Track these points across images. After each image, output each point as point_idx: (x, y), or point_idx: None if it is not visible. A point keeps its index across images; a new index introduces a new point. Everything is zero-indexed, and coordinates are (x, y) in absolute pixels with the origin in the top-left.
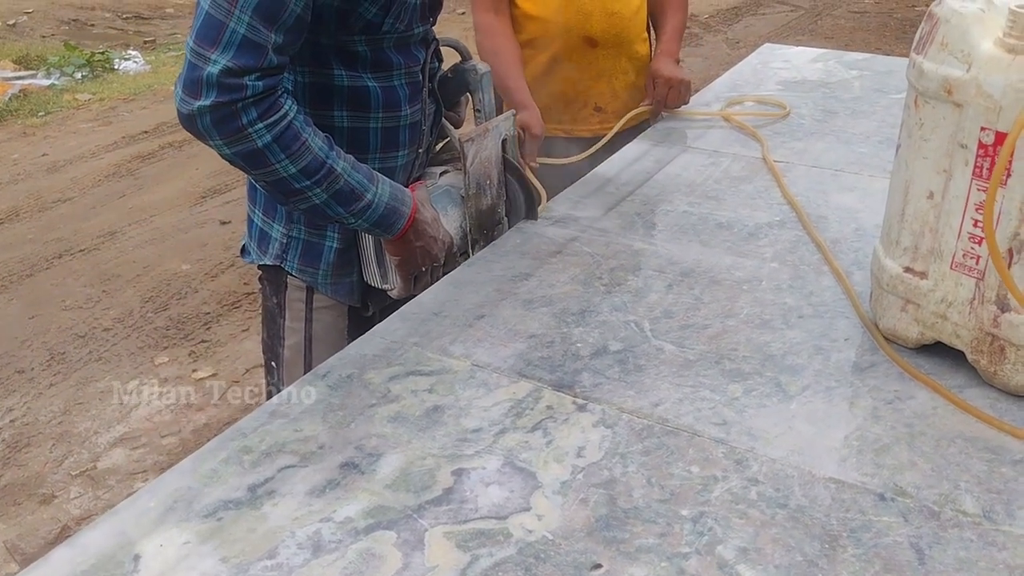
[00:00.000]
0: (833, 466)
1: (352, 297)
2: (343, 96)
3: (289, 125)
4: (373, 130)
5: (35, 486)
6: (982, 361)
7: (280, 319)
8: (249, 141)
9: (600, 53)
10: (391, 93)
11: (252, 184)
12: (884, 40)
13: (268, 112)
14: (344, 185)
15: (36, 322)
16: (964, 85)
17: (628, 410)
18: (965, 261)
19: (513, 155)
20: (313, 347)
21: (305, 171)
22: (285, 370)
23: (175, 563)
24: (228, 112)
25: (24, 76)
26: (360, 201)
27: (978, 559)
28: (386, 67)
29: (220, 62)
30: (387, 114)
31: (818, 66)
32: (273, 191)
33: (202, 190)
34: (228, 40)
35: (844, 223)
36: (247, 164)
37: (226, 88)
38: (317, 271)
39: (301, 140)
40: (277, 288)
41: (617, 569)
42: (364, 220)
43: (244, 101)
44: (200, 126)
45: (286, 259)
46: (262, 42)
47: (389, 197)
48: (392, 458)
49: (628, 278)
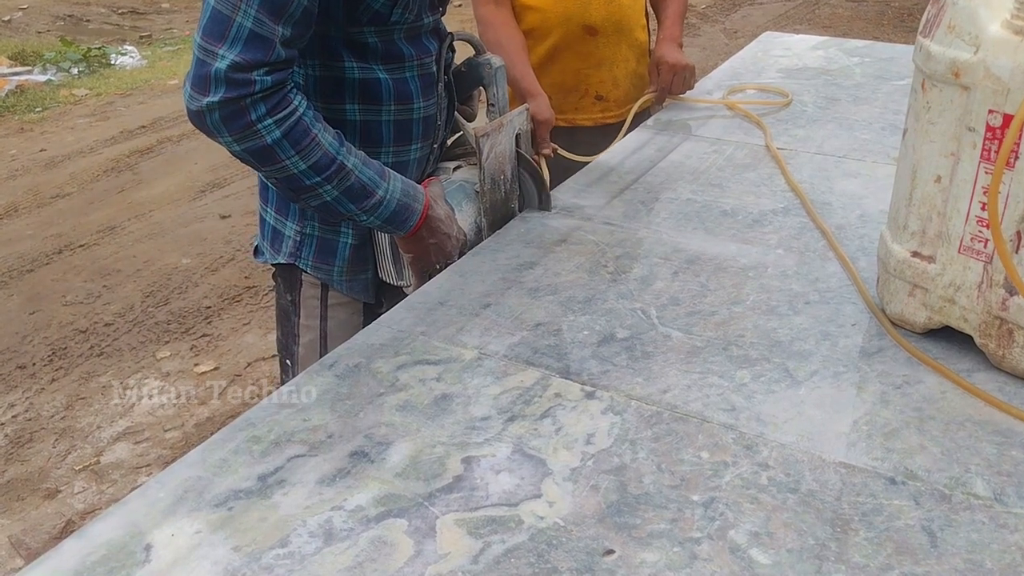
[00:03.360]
0: (843, 451)
1: (367, 294)
2: (354, 89)
3: (299, 121)
4: (385, 123)
5: (39, 481)
6: (990, 345)
7: (294, 317)
8: (258, 137)
9: (600, 41)
10: (403, 85)
11: (264, 183)
12: (882, 29)
13: (277, 108)
14: (355, 182)
15: (37, 317)
16: (972, 68)
17: (637, 397)
18: (973, 245)
19: (526, 149)
20: (328, 344)
21: (315, 167)
22: (300, 368)
23: (187, 552)
24: (237, 108)
25: (20, 72)
26: (371, 198)
27: (990, 541)
28: (397, 59)
29: (228, 57)
30: (399, 106)
31: (819, 53)
32: (283, 188)
33: (201, 184)
34: (235, 35)
35: (848, 209)
36: (257, 161)
37: (234, 83)
38: (332, 268)
39: (311, 136)
40: (291, 286)
41: (629, 554)
42: (375, 217)
43: (253, 96)
44: (209, 123)
45: (300, 256)
46: (269, 36)
47: (401, 194)
48: (401, 447)
49: (633, 266)
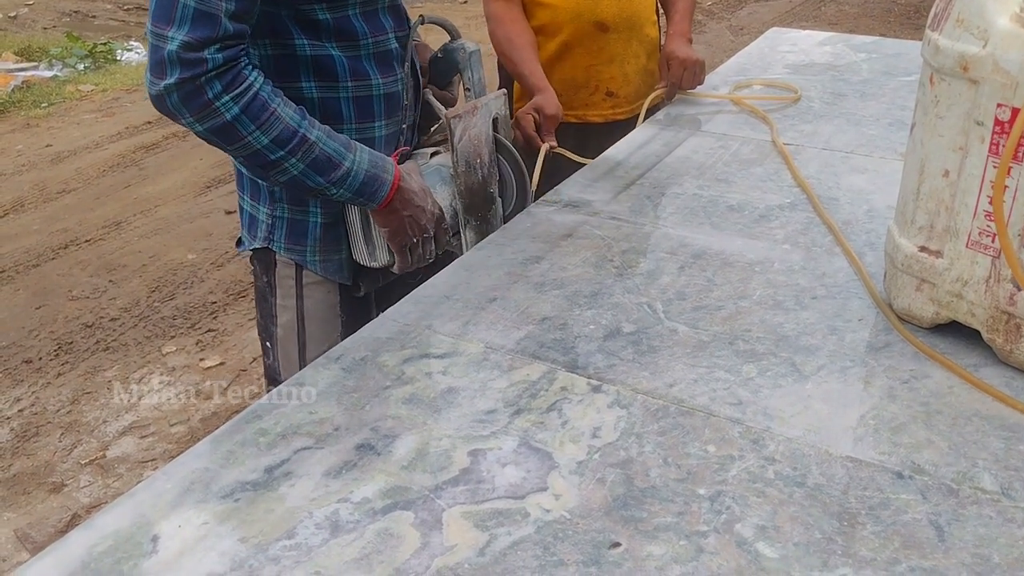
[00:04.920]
0: (850, 445)
1: (343, 275)
2: (308, 66)
3: (256, 96)
4: (344, 99)
5: (45, 475)
6: (998, 340)
7: (271, 298)
8: (218, 115)
9: (611, 38)
10: (357, 63)
11: (239, 170)
12: (889, 26)
13: (233, 84)
14: (320, 154)
15: (43, 312)
16: (980, 61)
17: (643, 391)
18: (981, 239)
19: (506, 134)
20: (306, 324)
21: (277, 141)
22: (280, 348)
23: (194, 543)
24: (193, 88)
25: (26, 68)
26: (338, 169)
27: (998, 536)
28: (351, 36)
29: (177, 38)
30: (356, 83)
31: (826, 49)
32: (251, 165)
33: (206, 180)
34: (181, 15)
35: (855, 204)
36: (220, 139)
37: (187, 63)
38: (305, 248)
39: (270, 110)
40: (267, 268)
41: (635, 547)
42: (345, 189)
43: (207, 75)
44: (169, 104)
45: (273, 239)
46: (214, 11)
47: (369, 164)
48: (408, 439)
49: (640, 260)
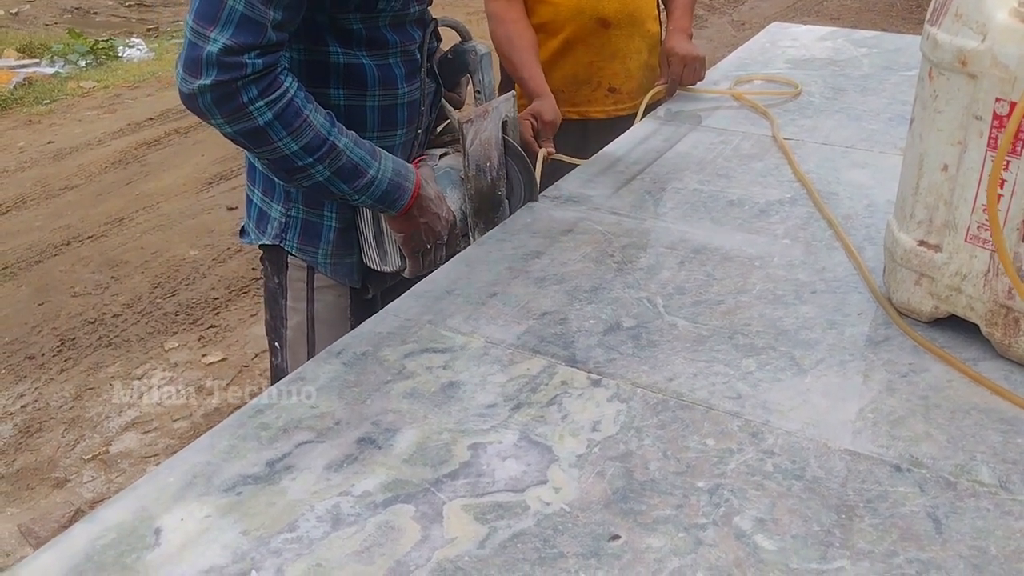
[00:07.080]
0: (848, 438)
1: (352, 278)
2: (339, 74)
3: (290, 102)
4: (370, 108)
5: (48, 470)
6: (996, 333)
7: (282, 300)
8: (250, 119)
9: (613, 34)
10: (387, 71)
11: (251, 163)
12: (890, 21)
13: (268, 89)
14: (347, 161)
15: (45, 308)
16: (979, 56)
17: (642, 385)
18: (980, 233)
19: (514, 137)
20: (316, 328)
21: (307, 148)
22: (289, 351)
23: (197, 536)
24: (229, 90)
25: (28, 64)
26: (363, 177)
27: (995, 528)
28: (381, 45)
29: (220, 40)
30: (384, 92)
31: (827, 44)
32: (276, 169)
33: (208, 176)
34: (227, 18)
35: (855, 199)
36: (249, 142)
37: (226, 67)
38: (317, 251)
39: (303, 117)
40: (278, 268)
41: (635, 540)
42: (368, 196)
43: (244, 79)
44: (201, 105)
45: (285, 238)
46: (260, 19)
47: (392, 173)
48: (409, 433)
49: (640, 255)
